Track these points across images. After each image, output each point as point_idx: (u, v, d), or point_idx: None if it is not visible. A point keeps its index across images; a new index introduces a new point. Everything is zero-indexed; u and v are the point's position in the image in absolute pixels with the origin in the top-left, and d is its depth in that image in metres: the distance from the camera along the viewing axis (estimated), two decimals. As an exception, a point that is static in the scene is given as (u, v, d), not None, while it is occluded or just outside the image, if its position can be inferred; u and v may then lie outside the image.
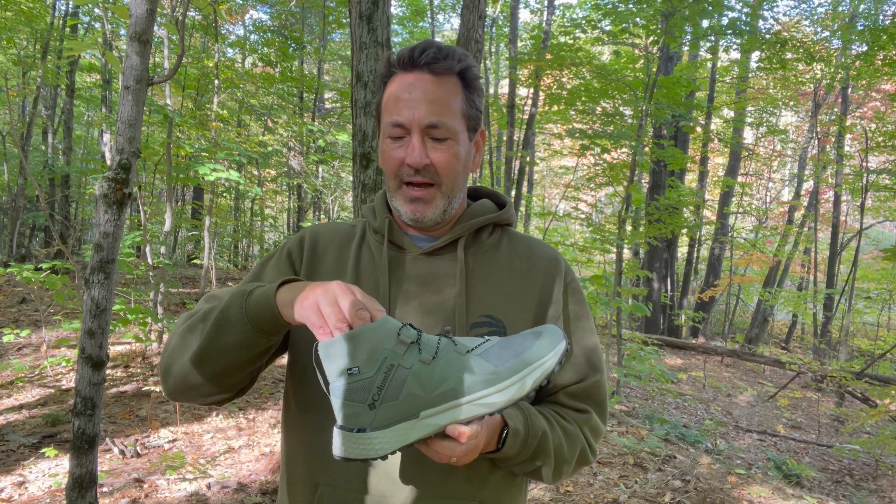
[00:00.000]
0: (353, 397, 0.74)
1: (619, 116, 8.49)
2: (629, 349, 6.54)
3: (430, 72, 0.96)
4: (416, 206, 0.99)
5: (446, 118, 0.96)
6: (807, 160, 14.49)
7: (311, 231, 1.10)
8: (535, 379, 0.80)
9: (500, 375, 0.78)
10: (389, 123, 0.97)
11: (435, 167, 0.97)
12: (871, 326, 16.31)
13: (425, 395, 0.76)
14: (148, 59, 2.03)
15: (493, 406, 0.78)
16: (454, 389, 0.77)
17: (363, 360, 0.74)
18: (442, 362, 0.77)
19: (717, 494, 3.46)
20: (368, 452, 0.75)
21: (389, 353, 0.75)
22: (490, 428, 0.85)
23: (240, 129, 12.15)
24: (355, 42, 3.03)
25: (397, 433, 0.75)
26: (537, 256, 1.07)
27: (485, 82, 11.04)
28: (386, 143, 1.00)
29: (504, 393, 0.78)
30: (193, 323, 0.93)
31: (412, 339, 0.76)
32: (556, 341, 0.82)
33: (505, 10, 11.21)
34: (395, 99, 0.97)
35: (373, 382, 0.74)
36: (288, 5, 10.11)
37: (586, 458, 1.02)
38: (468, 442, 0.78)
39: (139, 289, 6.43)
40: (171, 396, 0.97)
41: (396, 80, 0.98)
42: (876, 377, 7.68)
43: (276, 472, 3.39)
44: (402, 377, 0.75)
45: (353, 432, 0.74)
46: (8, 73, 10.69)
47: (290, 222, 14.06)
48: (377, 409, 0.74)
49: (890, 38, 7.79)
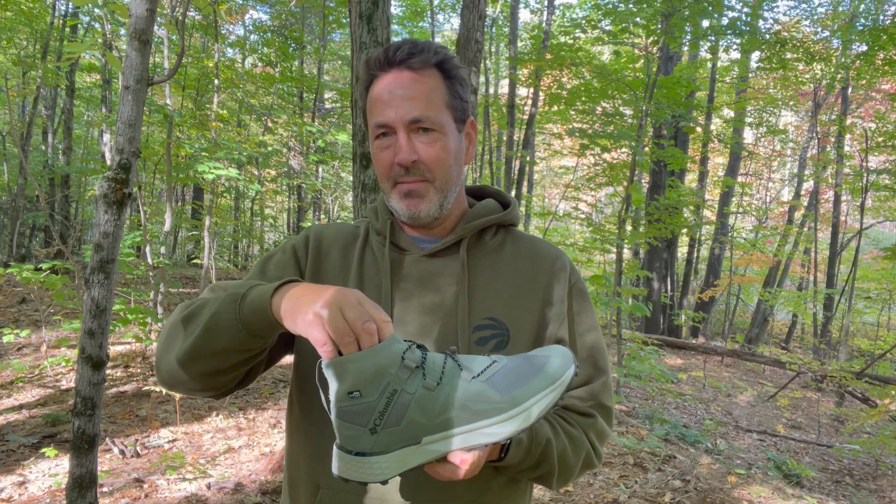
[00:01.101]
0: (354, 420, 0.73)
1: (619, 116, 8.49)
2: (629, 349, 6.54)
3: (407, 68, 0.95)
4: (410, 202, 0.98)
5: (430, 112, 0.95)
6: (807, 160, 14.49)
7: (316, 230, 1.09)
8: (542, 409, 0.78)
9: (505, 405, 0.76)
10: (374, 125, 0.97)
11: (424, 163, 0.96)
12: (871, 326, 16.31)
13: (427, 422, 0.74)
14: (148, 59, 2.03)
15: (496, 436, 0.76)
16: (458, 417, 0.75)
17: (365, 384, 0.72)
18: (446, 388, 0.76)
19: (717, 494, 3.46)
20: (367, 476, 0.74)
21: (393, 377, 0.73)
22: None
23: (240, 129, 12.16)
24: (355, 42, 3.03)
25: (397, 458, 0.74)
26: (542, 257, 1.05)
27: (484, 82, 11.04)
28: (374, 146, 0.99)
29: (509, 423, 0.76)
30: (187, 316, 0.89)
31: (417, 363, 0.75)
32: (565, 367, 0.79)
33: (505, 10, 11.20)
34: (377, 100, 0.96)
35: (375, 407, 0.73)
36: (288, 5, 10.11)
37: (591, 463, 1.01)
38: (469, 468, 0.77)
39: (139, 289, 6.43)
40: (164, 387, 0.96)
41: (376, 82, 0.98)
42: (876, 377, 7.68)
43: (276, 472, 3.39)
44: (405, 403, 0.74)
45: (352, 455, 0.74)
46: (8, 73, 10.68)
47: (290, 222, 14.06)
48: (378, 434, 0.73)
49: (890, 38, 7.79)
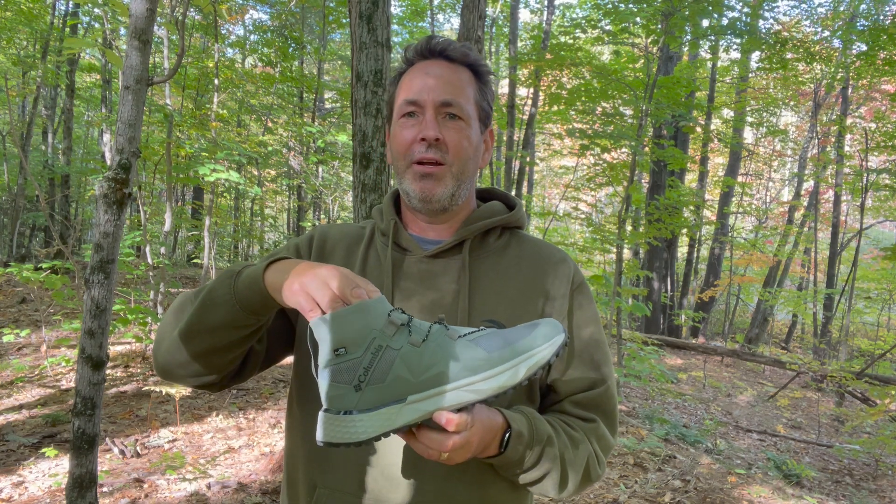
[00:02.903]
0: (339, 378, 0.72)
1: (619, 116, 8.49)
2: (629, 349, 6.53)
3: (444, 58, 1.00)
4: (425, 184, 0.98)
5: (460, 99, 0.98)
6: (807, 160, 14.49)
7: (321, 230, 1.10)
8: (529, 367, 0.76)
9: (491, 361, 0.75)
10: (404, 101, 0.99)
11: (446, 145, 0.97)
12: (871, 326, 16.31)
13: (413, 379, 0.73)
14: (148, 59, 2.03)
15: (482, 393, 0.75)
16: (443, 374, 0.74)
17: (351, 340, 0.72)
18: (432, 346, 0.75)
19: (717, 494, 3.46)
20: (351, 436, 0.72)
21: (378, 333, 0.73)
22: (492, 431, 0.83)
23: (240, 129, 12.16)
24: (355, 42, 3.03)
25: (382, 417, 0.73)
26: (545, 260, 1.04)
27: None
28: (398, 124, 1.00)
29: (494, 379, 0.75)
30: (184, 299, 0.93)
31: (403, 321, 0.74)
32: (554, 332, 0.78)
33: (505, 10, 11.20)
34: (411, 81, 0.99)
35: (360, 363, 0.72)
36: (288, 5, 10.11)
37: (594, 471, 0.98)
38: (458, 434, 0.76)
39: (139, 289, 6.42)
40: (160, 374, 0.96)
41: (412, 69, 1.01)
42: (876, 377, 7.69)
43: (276, 472, 3.39)
44: (390, 359, 0.73)
45: (338, 415, 0.72)
46: (8, 73, 10.69)
47: (290, 222, 14.07)
48: (363, 391, 0.72)
49: (890, 38, 7.79)
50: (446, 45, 0.99)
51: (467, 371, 0.75)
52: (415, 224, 1.06)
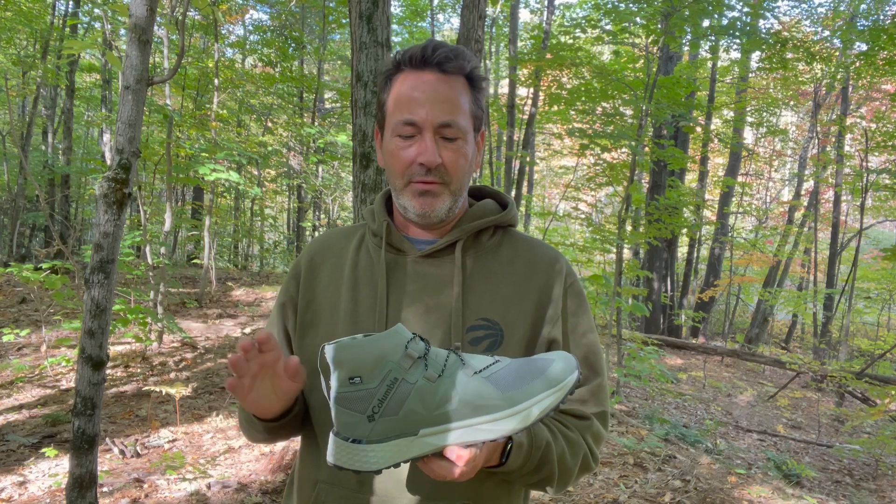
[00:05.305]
0: (353, 406, 0.73)
1: (619, 116, 8.48)
2: (629, 349, 6.53)
3: (440, 71, 0.96)
4: (425, 200, 0.98)
5: (457, 117, 0.96)
6: (807, 160, 14.48)
7: (311, 246, 1.13)
8: (542, 410, 0.76)
9: (505, 403, 0.75)
10: (400, 122, 0.96)
11: (445, 167, 0.96)
12: (871, 326, 16.31)
13: (426, 414, 0.74)
14: (148, 59, 2.03)
15: (495, 433, 0.75)
16: (457, 411, 0.74)
17: (367, 370, 0.72)
18: (447, 381, 0.75)
19: (717, 494, 3.46)
20: (361, 465, 0.73)
21: (395, 366, 0.73)
22: (492, 444, 0.83)
23: (240, 129, 12.16)
24: (355, 42, 3.03)
25: (393, 449, 0.74)
26: (538, 258, 1.05)
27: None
28: (394, 142, 0.98)
29: (507, 422, 0.75)
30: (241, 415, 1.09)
31: (419, 353, 0.75)
32: (568, 371, 0.78)
33: (505, 10, 11.20)
34: (407, 97, 0.96)
35: (374, 394, 0.72)
36: (288, 5, 10.11)
37: (589, 466, 1.01)
38: (466, 466, 0.77)
39: (139, 289, 6.42)
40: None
41: (405, 77, 0.97)
42: (876, 377, 7.68)
43: (276, 472, 3.39)
44: (404, 392, 0.73)
45: (349, 442, 0.73)
46: (8, 73, 10.69)
47: (290, 222, 14.06)
48: (376, 423, 0.73)
49: (890, 37, 7.78)
50: (443, 57, 0.96)
51: (481, 411, 0.75)
52: (407, 225, 1.06)
